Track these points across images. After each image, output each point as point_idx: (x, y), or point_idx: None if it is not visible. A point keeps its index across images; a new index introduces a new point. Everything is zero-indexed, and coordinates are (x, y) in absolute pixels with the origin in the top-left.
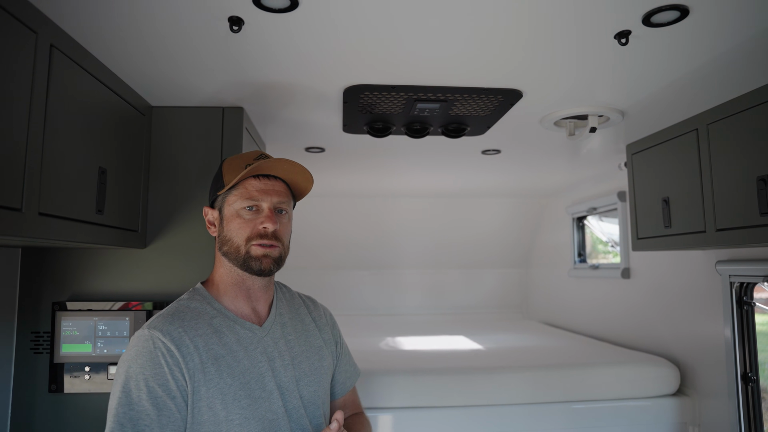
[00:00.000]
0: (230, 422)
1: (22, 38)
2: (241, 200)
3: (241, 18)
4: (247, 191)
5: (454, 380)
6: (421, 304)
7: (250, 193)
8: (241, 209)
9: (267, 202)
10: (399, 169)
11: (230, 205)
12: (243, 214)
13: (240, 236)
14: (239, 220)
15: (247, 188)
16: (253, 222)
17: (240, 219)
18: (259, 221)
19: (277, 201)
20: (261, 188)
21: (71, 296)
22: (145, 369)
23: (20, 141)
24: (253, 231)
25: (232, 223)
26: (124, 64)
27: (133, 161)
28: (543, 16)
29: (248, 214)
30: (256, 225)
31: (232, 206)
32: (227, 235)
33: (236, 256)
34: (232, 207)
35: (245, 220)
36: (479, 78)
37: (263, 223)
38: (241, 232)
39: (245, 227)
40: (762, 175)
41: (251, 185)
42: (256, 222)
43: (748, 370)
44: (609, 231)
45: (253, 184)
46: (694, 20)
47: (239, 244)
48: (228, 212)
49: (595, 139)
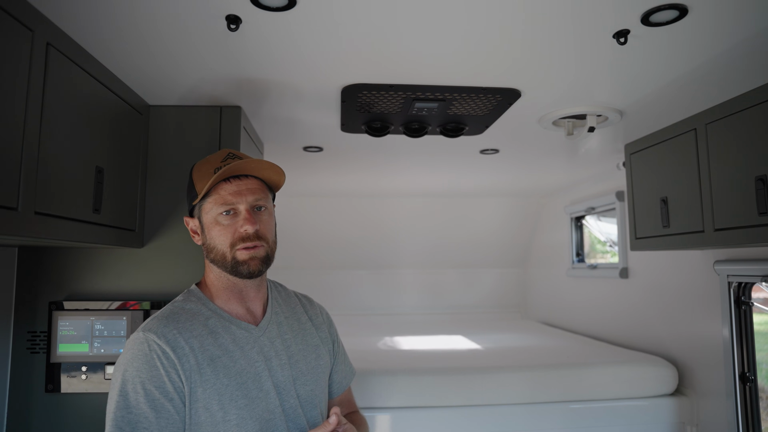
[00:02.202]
0: (227, 422)
1: (18, 36)
2: (216, 206)
3: (239, 16)
4: (221, 196)
5: (452, 380)
6: (420, 303)
7: (224, 198)
8: (218, 215)
9: (243, 204)
10: (397, 169)
11: (207, 213)
12: (221, 220)
13: (223, 243)
14: (219, 227)
15: (221, 193)
16: (233, 227)
17: (219, 226)
18: (239, 225)
19: (253, 199)
20: (234, 191)
21: (68, 296)
22: (141, 372)
23: (16, 139)
24: (235, 236)
25: (212, 230)
26: (122, 62)
27: (131, 160)
28: (542, 16)
29: (226, 219)
30: (236, 229)
31: (209, 214)
32: (211, 243)
33: (223, 262)
34: (209, 214)
35: (224, 226)
36: (478, 77)
37: (243, 225)
38: (223, 239)
39: (226, 233)
40: (760, 175)
41: (224, 189)
42: (236, 226)
43: (746, 369)
44: (607, 231)
45: (225, 188)
46: (693, 20)
47: (224, 251)
48: (207, 220)
49: (593, 139)
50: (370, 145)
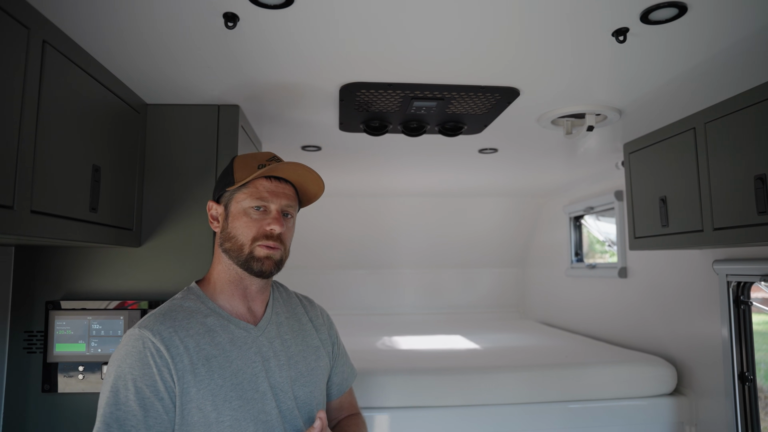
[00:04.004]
0: (221, 423)
1: (14, 34)
2: (250, 199)
3: (236, 14)
4: (257, 191)
5: (450, 380)
6: (418, 303)
7: (260, 193)
8: (249, 208)
9: (276, 204)
10: (396, 168)
11: (238, 203)
12: (251, 213)
13: (246, 235)
14: (246, 219)
15: (258, 188)
16: (260, 222)
17: (247, 218)
18: (266, 222)
19: (286, 204)
20: (271, 190)
21: (65, 295)
22: (133, 369)
23: (12, 138)
24: (260, 231)
25: (238, 220)
26: (119, 60)
27: (128, 159)
28: (541, 14)
29: (256, 213)
30: (263, 225)
31: (240, 204)
32: (231, 232)
33: (238, 254)
34: (240, 205)
35: (252, 219)
36: (476, 76)
37: (270, 224)
38: (247, 231)
39: (252, 226)
40: (759, 174)
41: (262, 186)
42: (263, 223)
43: (745, 369)
44: (606, 230)
45: (264, 184)
46: (692, 18)
47: (243, 243)
48: (235, 209)
49: (592, 138)
50: (368, 144)
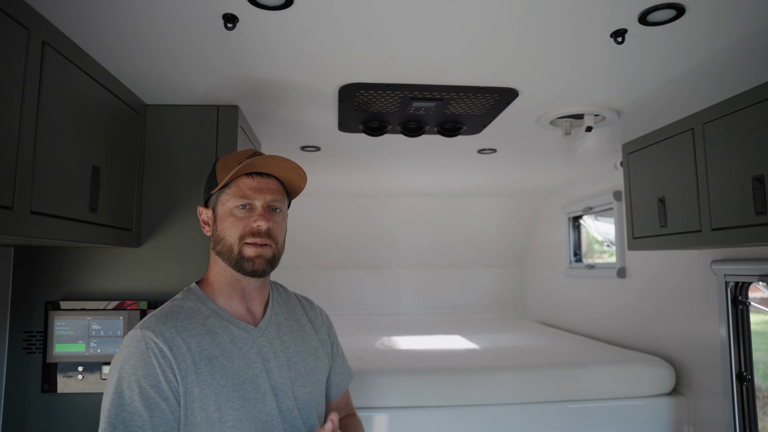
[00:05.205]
0: (223, 423)
1: (14, 34)
2: (234, 198)
3: (236, 15)
4: (240, 189)
5: (449, 380)
6: (417, 303)
7: (243, 192)
8: (234, 208)
9: (260, 200)
10: (395, 169)
11: (223, 204)
12: (236, 213)
13: (232, 235)
14: (232, 219)
15: (240, 186)
16: (246, 220)
17: (233, 217)
18: (252, 219)
19: (271, 199)
20: (254, 186)
21: (64, 295)
22: (137, 370)
23: (11, 138)
24: (246, 229)
25: (225, 221)
26: (119, 61)
27: (127, 159)
28: (539, 15)
29: (241, 212)
30: (249, 223)
31: (225, 205)
32: (220, 234)
33: (229, 255)
34: (225, 206)
35: (238, 218)
36: (475, 76)
37: (256, 221)
38: (234, 231)
39: (238, 225)
40: (757, 175)
41: (244, 183)
42: (249, 220)
43: (743, 369)
44: (605, 230)
45: (246, 182)
46: (690, 19)
47: (232, 243)
48: (221, 211)
49: (590, 139)
50: (367, 144)
